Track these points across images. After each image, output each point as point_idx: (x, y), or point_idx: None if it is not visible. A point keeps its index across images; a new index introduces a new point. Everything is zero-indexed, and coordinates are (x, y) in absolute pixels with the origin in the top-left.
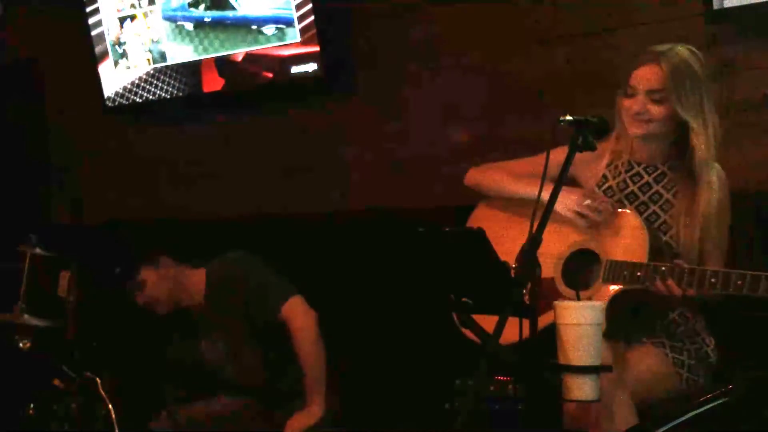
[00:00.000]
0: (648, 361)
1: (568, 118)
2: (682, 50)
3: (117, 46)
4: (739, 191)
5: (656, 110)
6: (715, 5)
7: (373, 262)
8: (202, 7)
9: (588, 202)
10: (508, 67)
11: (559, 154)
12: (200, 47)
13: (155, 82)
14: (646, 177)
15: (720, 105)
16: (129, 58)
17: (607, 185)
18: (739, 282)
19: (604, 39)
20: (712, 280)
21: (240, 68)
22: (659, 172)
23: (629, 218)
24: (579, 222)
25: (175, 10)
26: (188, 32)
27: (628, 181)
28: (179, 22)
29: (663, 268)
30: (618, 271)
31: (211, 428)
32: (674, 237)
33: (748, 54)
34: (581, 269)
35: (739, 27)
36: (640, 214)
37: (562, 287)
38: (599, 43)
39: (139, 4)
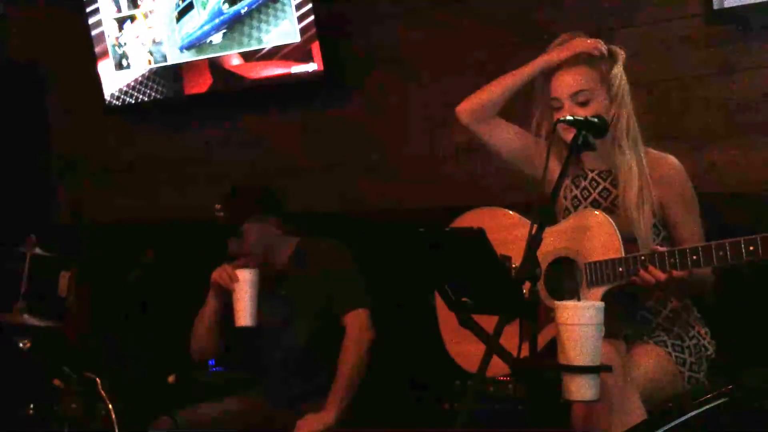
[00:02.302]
0: (652, 361)
1: (568, 118)
2: None
3: (117, 47)
4: (738, 191)
5: (584, 112)
6: (715, 5)
7: (373, 262)
8: (225, 5)
9: None
10: (509, 67)
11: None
12: (204, 49)
13: (157, 78)
14: (602, 183)
15: (718, 105)
16: (129, 58)
17: (572, 195)
18: (721, 253)
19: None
20: (694, 257)
21: (240, 68)
22: (614, 174)
23: (592, 216)
24: None
25: (198, 28)
26: (213, 46)
27: (589, 188)
28: (207, 39)
29: (642, 257)
30: (599, 271)
31: (214, 430)
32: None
33: (748, 54)
34: (562, 279)
35: (739, 27)
36: None
37: (549, 301)
38: None
39: (136, 3)
